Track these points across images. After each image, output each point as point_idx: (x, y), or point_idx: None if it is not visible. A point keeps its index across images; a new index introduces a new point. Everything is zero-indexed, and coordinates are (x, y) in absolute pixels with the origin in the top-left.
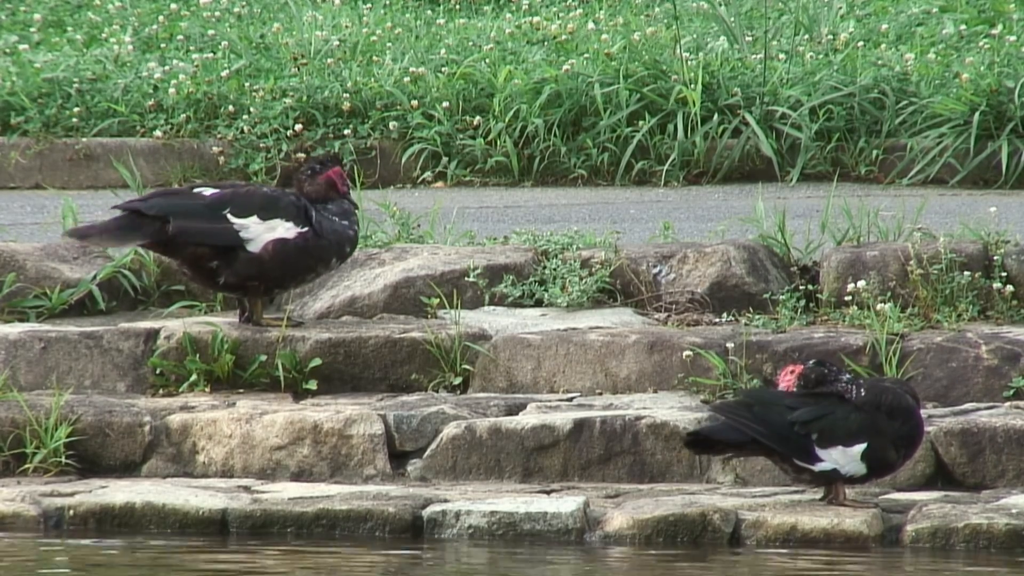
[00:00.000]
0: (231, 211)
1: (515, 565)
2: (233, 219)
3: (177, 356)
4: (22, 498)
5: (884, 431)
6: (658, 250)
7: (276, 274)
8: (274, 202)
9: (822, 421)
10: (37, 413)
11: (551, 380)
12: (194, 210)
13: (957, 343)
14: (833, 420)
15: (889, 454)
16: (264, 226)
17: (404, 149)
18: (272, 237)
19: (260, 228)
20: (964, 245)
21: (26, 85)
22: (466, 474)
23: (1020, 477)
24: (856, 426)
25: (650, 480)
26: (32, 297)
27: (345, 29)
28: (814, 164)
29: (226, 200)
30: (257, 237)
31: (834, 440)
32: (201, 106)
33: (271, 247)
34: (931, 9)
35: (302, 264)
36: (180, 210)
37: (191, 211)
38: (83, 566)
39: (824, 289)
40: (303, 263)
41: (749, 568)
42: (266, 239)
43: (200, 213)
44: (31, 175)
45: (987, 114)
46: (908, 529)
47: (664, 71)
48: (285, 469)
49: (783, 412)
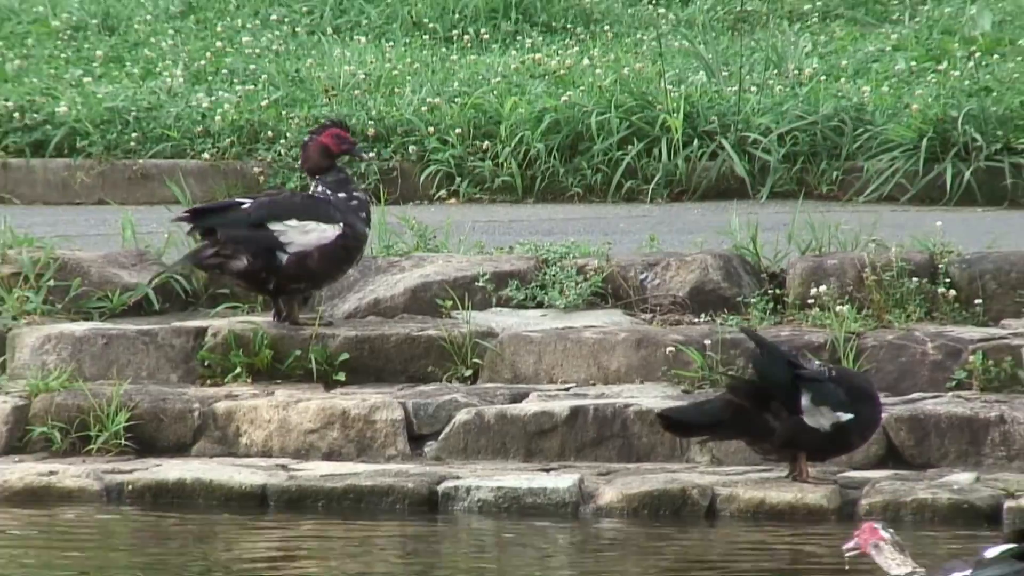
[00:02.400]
0: (270, 219)
1: (519, 534)
2: (273, 226)
3: (222, 351)
4: (87, 475)
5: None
6: (644, 259)
7: (320, 275)
8: (309, 208)
9: (817, 384)
10: (100, 400)
11: (550, 372)
12: (239, 220)
13: (906, 341)
14: (823, 386)
15: (853, 436)
16: (303, 231)
17: (422, 170)
18: (315, 243)
19: (296, 232)
20: (913, 255)
21: (90, 113)
22: (476, 454)
23: (961, 458)
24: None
25: (637, 460)
26: (95, 299)
27: (370, 64)
28: (782, 184)
29: (265, 207)
30: (295, 239)
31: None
32: (243, 132)
33: (317, 253)
34: (885, 48)
35: (338, 261)
36: (228, 222)
37: (236, 221)
38: (140, 534)
39: (790, 293)
40: (339, 260)
41: (724, 537)
42: (305, 243)
43: (246, 223)
44: (94, 192)
45: (934, 140)
46: (863, 503)
47: (650, 101)
48: (317, 450)
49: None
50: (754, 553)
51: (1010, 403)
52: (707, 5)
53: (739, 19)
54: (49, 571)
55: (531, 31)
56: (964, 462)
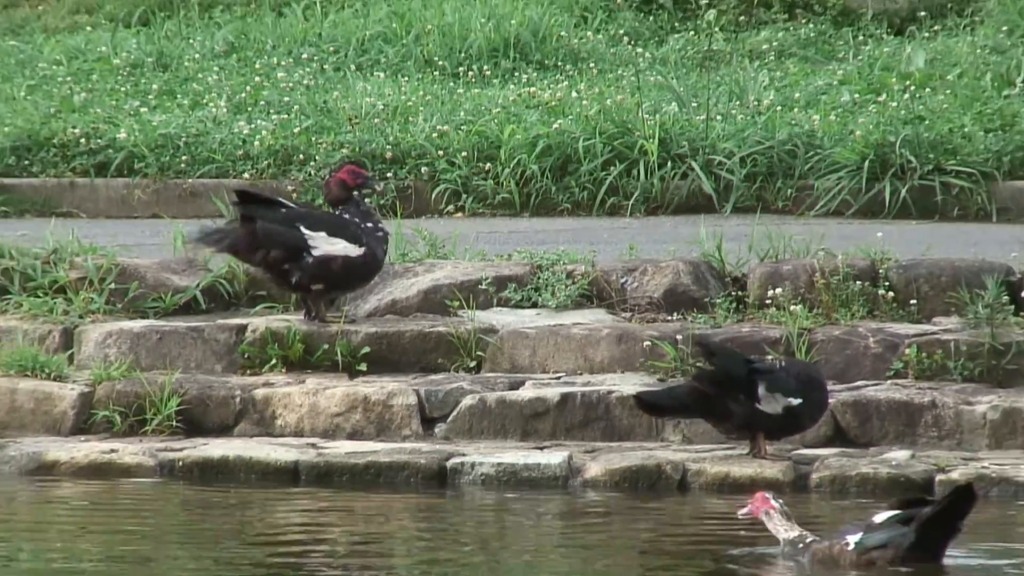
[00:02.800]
0: (303, 225)
1: (516, 503)
2: (304, 229)
3: (260, 345)
4: (143, 453)
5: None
6: (625, 265)
7: (338, 281)
8: (338, 225)
9: (770, 375)
10: (154, 388)
11: (544, 363)
12: (276, 216)
13: (851, 336)
14: (776, 376)
15: (804, 418)
16: (328, 241)
17: (432, 188)
18: (340, 252)
19: (324, 242)
20: (857, 261)
21: (146, 139)
22: (479, 435)
23: (899, 437)
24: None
25: (618, 439)
26: (150, 300)
27: (388, 96)
28: (743, 200)
29: (296, 214)
30: (320, 247)
31: (777, 390)
32: (278, 155)
33: (341, 261)
34: (832, 82)
35: (362, 277)
36: (268, 217)
37: (272, 216)
38: (189, 503)
39: (750, 295)
40: (362, 277)
41: (694, 506)
42: (330, 250)
43: (281, 220)
44: (150, 207)
45: (874, 162)
46: (813, 477)
47: (629, 129)
48: (342, 431)
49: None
50: (720, 520)
51: (941, 390)
52: (679, 45)
53: (706, 57)
54: (110, 535)
55: (527, 68)
56: (901, 441)
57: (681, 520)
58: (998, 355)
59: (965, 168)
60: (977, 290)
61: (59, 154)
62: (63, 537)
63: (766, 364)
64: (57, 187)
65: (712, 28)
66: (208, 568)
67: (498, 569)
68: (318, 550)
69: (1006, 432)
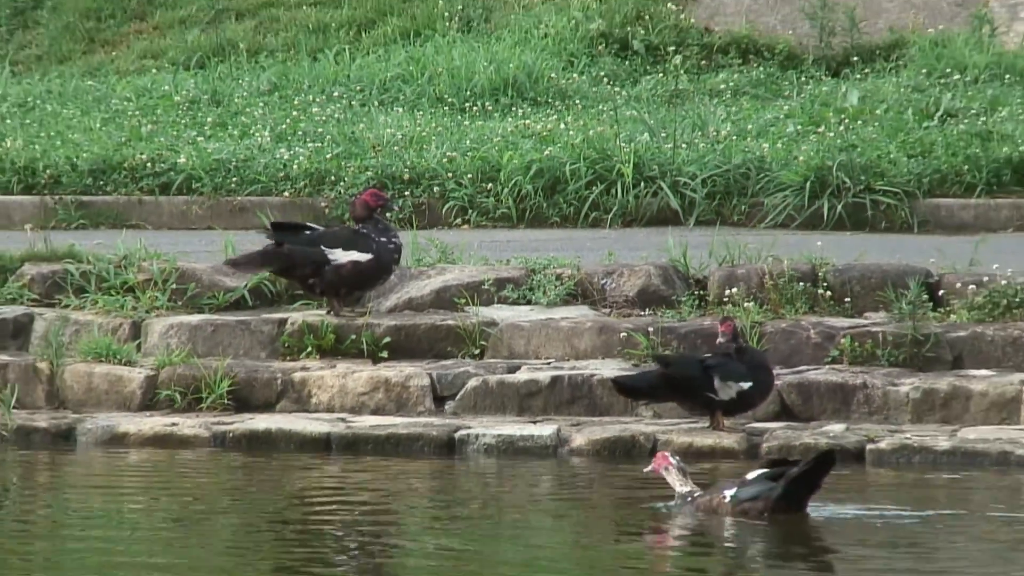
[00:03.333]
0: (322, 242)
1: (513, 468)
2: (325, 248)
3: (298, 335)
4: (199, 426)
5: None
6: (605, 269)
7: (353, 284)
8: (351, 240)
9: (722, 367)
10: (208, 371)
11: (536, 351)
12: (301, 239)
13: (795, 328)
14: (727, 366)
15: (755, 398)
16: (344, 254)
17: (443, 204)
18: (351, 259)
19: (340, 255)
20: (800, 266)
21: (202, 163)
22: (482, 411)
23: (835, 413)
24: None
25: (599, 415)
26: (206, 298)
27: (405, 128)
28: (704, 214)
29: (318, 235)
30: (338, 259)
31: (729, 378)
32: (313, 177)
33: (350, 266)
34: (779, 116)
35: (369, 277)
36: (295, 240)
37: (299, 239)
38: (237, 469)
39: (711, 293)
40: (370, 276)
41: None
42: (343, 260)
43: (306, 242)
44: (205, 220)
45: (815, 182)
46: (764, 446)
47: (609, 155)
48: (367, 407)
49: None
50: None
51: (871, 373)
52: (650, 85)
53: (673, 95)
54: (171, 495)
55: (522, 104)
56: (837, 416)
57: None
58: (919, 344)
59: (891, 188)
60: (901, 290)
61: (129, 176)
62: (132, 497)
63: (717, 358)
64: (127, 204)
65: (678, 71)
66: (255, 523)
67: (498, 521)
68: (348, 507)
69: (925, 408)
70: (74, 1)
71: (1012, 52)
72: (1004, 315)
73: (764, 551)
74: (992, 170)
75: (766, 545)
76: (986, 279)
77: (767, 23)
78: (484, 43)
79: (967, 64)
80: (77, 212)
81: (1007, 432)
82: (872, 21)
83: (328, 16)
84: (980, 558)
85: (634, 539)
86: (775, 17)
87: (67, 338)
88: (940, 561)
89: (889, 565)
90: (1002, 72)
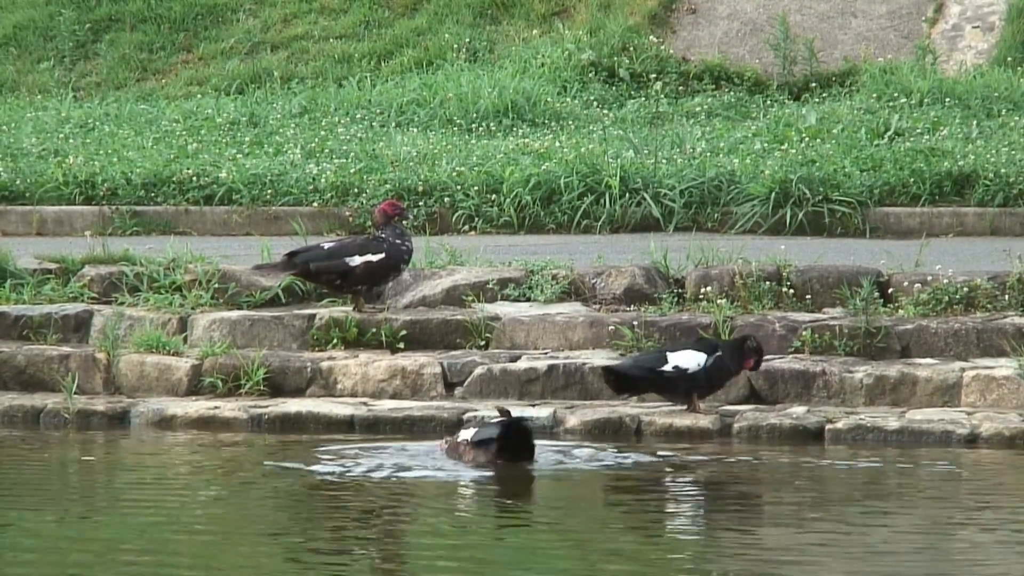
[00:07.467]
0: (344, 254)
1: None
2: (345, 258)
3: (325, 329)
4: (238, 409)
5: (723, 365)
6: (595, 269)
7: (367, 280)
8: (365, 246)
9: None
10: (247, 361)
11: (535, 342)
12: (322, 256)
13: (762, 322)
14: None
15: (724, 377)
16: (361, 258)
17: (452, 213)
18: (365, 260)
19: (359, 259)
20: (766, 267)
21: (241, 177)
22: (488, 395)
23: (798, 397)
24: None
25: (590, 399)
26: (244, 296)
27: (419, 145)
28: (682, 221)
29: (339, 248)
30: (356, 262)
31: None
32: (339, 189)
33: (363, 266)
34: (748, 135)
35: (381, 274)
36: (315, 258)
37: (320, 257)
38: (272, 446)
39: (688, 291)
40: (382, 273)
41: (645, 447)
42: (359, 262)
43: (326, 257)
44: (244, 228)
45: (779, 193)
46: (735, 426)
47: (598, 169)
48: (386, 392)
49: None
50: (665, 457)
51: (829, 362)
52: (634, 108)
53: (655, 117)
54: (214, 469)
55: (522, 125)
56: (800, 400)
57: (635, 458)
58: (871, 336)
59: (846, 198)
60: (855, 288)
61: (177, 189)
62: (180, 471)
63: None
64: (175, 213)
65: (659, 96)
66: (294, 488)
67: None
68: (371, 479)
69: (877, 393)
70: (129, 35)
71: (952, 79)
72: (946, 310)
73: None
74: (935, 182)
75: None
76: (930, 278)
77: (737, 53)
78: (488, 72)
79: (912, 89)
80: (131, 220)
81: (949, 414)
82: (829, 52)
83: (352, 48)
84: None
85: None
86: (744, 48)
87: (122, 332)
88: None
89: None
90: (943, 96)
